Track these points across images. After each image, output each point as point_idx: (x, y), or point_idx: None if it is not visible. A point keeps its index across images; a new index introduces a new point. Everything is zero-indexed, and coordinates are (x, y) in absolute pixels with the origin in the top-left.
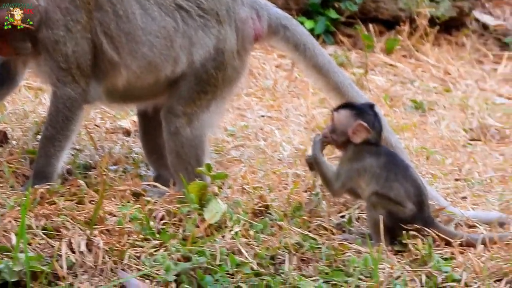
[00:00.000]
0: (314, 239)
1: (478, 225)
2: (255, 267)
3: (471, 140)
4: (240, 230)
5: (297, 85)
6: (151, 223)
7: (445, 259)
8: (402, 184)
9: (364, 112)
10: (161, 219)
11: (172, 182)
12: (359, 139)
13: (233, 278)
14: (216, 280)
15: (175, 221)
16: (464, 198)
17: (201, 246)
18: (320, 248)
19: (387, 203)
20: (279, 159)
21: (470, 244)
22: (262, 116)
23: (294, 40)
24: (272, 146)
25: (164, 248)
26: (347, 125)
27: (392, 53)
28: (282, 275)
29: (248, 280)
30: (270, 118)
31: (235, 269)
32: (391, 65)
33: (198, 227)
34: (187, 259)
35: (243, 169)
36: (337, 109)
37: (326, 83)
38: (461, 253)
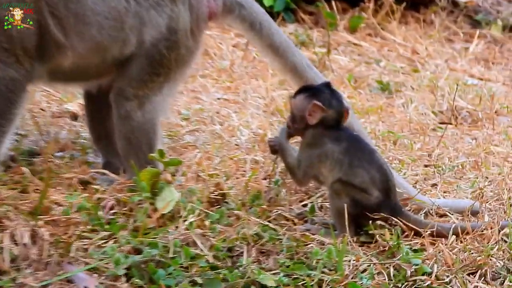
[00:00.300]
0: (274, 229)
1: (449, 214)
2: (211, 260)
3: (441, 123)
4: (195, 220)
5: (255, 66)
6: (100, 213)
7: (415, 250)
8: (367, 170)
9: (319, 91)
10: (111, 208)
11: (122, 169)
12: (315, 120)
13: (187, 271)
14: (169, 274)
15: (125, 211)
16: (434, 185)
17: (153, 238)
18: (281, 239)
19: (351, 191)
20: (236, 145)
21: (441, 234)
22: (218, 98)
23: (250, 18)
24: (229, 130)
25: (114, 240)
26: (304, 109)
27: (356, 31)
28: (240, 268)
29: (204, 274)
30: (227, 101)
31: (190, 262)
32: (355, 44)
33: (150, 217)
34: (138, 251)
35: (198, 155)
36: (294, 95)
37: (282, 64)
38: (432, 244)
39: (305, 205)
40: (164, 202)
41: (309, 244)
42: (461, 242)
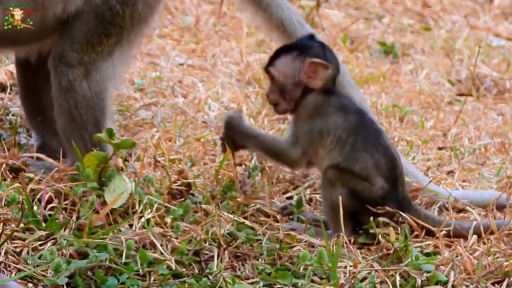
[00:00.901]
0: (251, 228)
1: (469, 209)
2: (173, 265)
3: (459, 95)
4: (153, 217)
5: (226, 23)
6: (35, 208)
7: (427, 254)
8: (371, 154)
9: (307, 46)
10: (48, 202)
11: (62, 153)
12: (320, 81)
13: (144, 280)
14: (122, 283)
15: (66, 205)
16: (450, 172)
17: (101, 239)
18: (260, 240)
19: (349, 179)
20: (203, 122)
21: (460, 234)
22: (181, 64)
23: None
24: (195, 104)
25: (53, 241)
26: (297, 72)
27: None
28: (210, 277)
29: (165, 283)
30: (192, 67)
31: (147, 269)
32: None
33: (97, 213)
34: (83, 255)
35: (156, 135)
36: (271, 63)
37: (267, 19)
38: (448, 246)
39: (290, 198)
40: (115, 194)
41: (295, 246)
42: (484, 243)
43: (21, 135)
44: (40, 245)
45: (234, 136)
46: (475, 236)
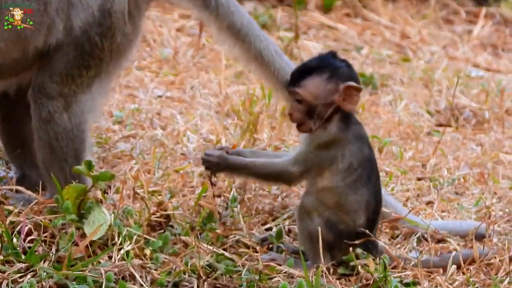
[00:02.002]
0: (231, 259)
1: (449, 239)
2: None
3: (438, 125)
4: (132, 249)
5: (205, 55)
6: (15, 240)
7: (406, 284)
8: (368, 192)
9: (337, 67)
10: (28, 234)
11: (41, 185)
12: (354, 105)
13: None
14: None
15: (46, 237)
16: (429, 203)
17: (80, 271)
18: (239, 271)
19: (325, 210)
20: (182, 154)
21: (439, 264)
22: (159, 96)
23: None
24: (173, 136)
25: (32, 273)
26: (330, 94)
27: (331, 10)
28: None
29: None
30: (170, 99)
31: None
32: (329, 26)
33: (76, 245)
34: (62, 287)
35: (135, 167)
36: (297, 83)
37: (245, 50)
38: (427, 276)
39: (269, 229)
40: (94, 226)
41: (275, 277)
42: (464, 273)
43: (0, 167)
44: (20, 277)
45: (224, 170)
46: (454, 266)
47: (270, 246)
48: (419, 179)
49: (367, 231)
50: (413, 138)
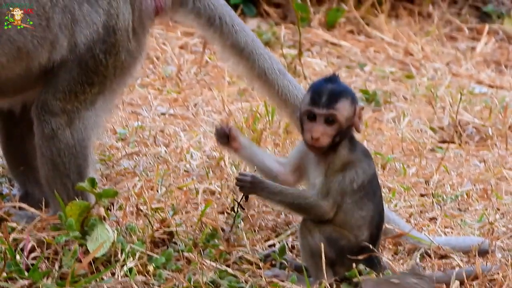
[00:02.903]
0: (234, 276)
1: (452, 255)
2: None
3: (441, 142)
4: (135, 265)
5: (208, 72)
6: (17, 257)
7: None
8: (373, 207)
9: (352, 90)
10: (31, 251)
11: (44, 202)
12: (362, 125)
13: None
14: None
15: (49, 254)
16: (433, 219)
17: (84, 287)
18: (243, 287)
19: (327, 226)
20: (186, 171)
21: (442, 280)
22: (163, 114)
23: (207, 12)
24: (177, 153)
25: None
26: (352, 116)
27: (335, 27)
28: None
29: None
30: (173, 117)
31: None
32: (333, 43)
33: (79, 261)
34: None
35: (138, 184)
36: (330, 103)
37: (249, 68)
38: None
39: (272, 245)
40: (97, 243)
41: None
42: None
43: (3, 185)
44: None
45: (257, 193)
46: (457, 282)
47: (273, 262)
48: (422, 195)
49: (369, 245)
50: (416, 155)
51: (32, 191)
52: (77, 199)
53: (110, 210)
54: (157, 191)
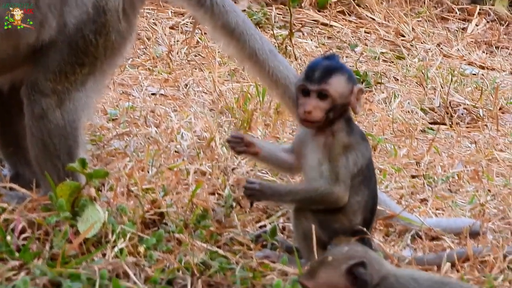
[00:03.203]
0: (225, 257)
1: (443, 237)
2: None
3: (432, 123)
4: (126, 246)
5: (199, 53)
6: (8, 237)
7: None
8: (368, 192)
9: (350, 70)
10: (22, 232)
11: (35, 182)
12: (360, 107)
13: None
14: None
15: (39, 235)
16: (424, 201)
17: (74, 268)
18: (233, 269)
19: (325, 210)
20: (176, 151)
21: (433, 262)
22: (153, 94)
23: None
24: (167, 134)
25: (26, 270)
26: (347, 94)
27: (325, 8)
28: None
29: None
30: (164, 97)
31: None
32: (324, 24)
33: (70, 242)
34: (56, 285)
35: (129, 165)
36: (322, 78)
37: (239, 49)
38: None
39: (263, 227)
40: (88, 223)
41: (269, 274)
42: (458, 271)
43: None
44: (14, 275)
45: (268, 199)
46: (448, 264)
47: (264, 243)
48: (413, 177)
49: (363, 228)
50: (407, 136)
51: (23, 172)
52: (67, 180)
53: (101, 191)
54: (148, 171)
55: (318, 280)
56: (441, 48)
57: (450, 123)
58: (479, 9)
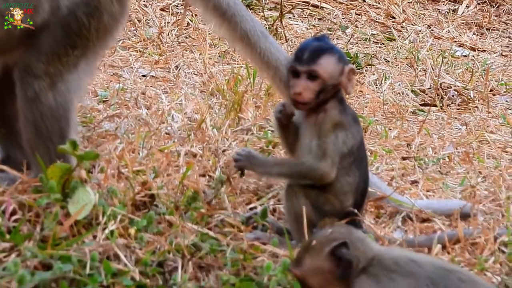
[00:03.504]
0: (215, 239)
1: (434, 218)
2: (137, 277)
3: (422, 105)
4: (117, 228)
5: (190, 34)
6: None
7: None
8: (359, 174)
9: (340, 51)
10: (12, 214)
11: (25, 164)
12: (353, 88)
13: None
14: None
15: (30, 216)
16: (414, 182)
17: (65, 250)
18: (224, 251)
19: (311, 191)
20: (167, 133)
21: (424, 244)
22: (144, 76)
23: None
24: (158, 115)
25: (17, 252)
26: (338, 75)
27: None
28: (174, 287)
29: None
30: (155, 79)
31: (111, 280)
32: (314, 6)
33: (61, 224)
34: (47, 267)
35: (120, 146)
36: (312, 59)
37: (231, 30)
38: None
39: (253, 208)
40: (78, 205)
41: (259, 256)
42: (449, 253)
43: None
44: (4, 257)
45: (253, 169)
46: (439, 246)
47: (255, 225)
48: (404, 159)
49: (354, 210)
50: (398, 118)
51: (14, 154)
52: (58, 162)
53: (92, 173)
54: (139, 153)
55: (304, 267)
56: (432, 30)
57: (441, 105)
58: None
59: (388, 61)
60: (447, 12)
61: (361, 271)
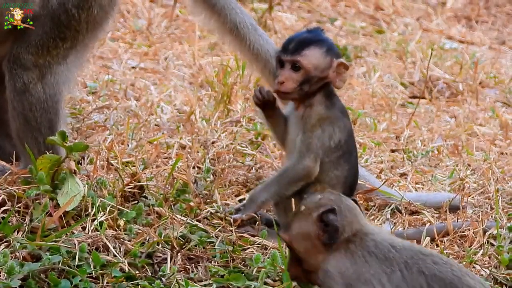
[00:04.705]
0: (205, 230)
1: (423, 211)
2: (126, 268)
3: (412, 97)
4: (106, 220)
5: (179, 26)
6: None
7: None
8: (348, 167)
9: (331, 43)
10: (1, 205)
11: (15, 156)
12: (343, 82)
13: (97, 282)
14: (75, 285)
15: (19, 208)
16: (403, 175)
17: (54, 241)
18: (213, 243)
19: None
20: (156, 125)
21: (412, 237)
22: (133, 67)
23: None
24: (147, 107)
25: (6, 243)
26: (326, 68)
27: None
28: (163, 279)
29: (118, 285)
30: (144, 70)
31: (100, 271)
32: None
33: (50, 215)
34: (36, 258)
35: (109, 138)
36: (297, 50)
37: (220, 23)
38: None
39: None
40: (68, 196)
41: (248, 248)
42: (438, 245)
43: None
44: None
45: (254, 210)
46: (428, 238)
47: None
48: (393, 151)
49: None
50: (387, 110)
51: (3, 145)
52: (47, 153)
53: (81, 164)
54: (128, 145)
55: (292, 231)
56: (421, 22)
57: (430, 97)
58: None
59: (377, 54)
60: (436, 5)
61: (343, 241)
